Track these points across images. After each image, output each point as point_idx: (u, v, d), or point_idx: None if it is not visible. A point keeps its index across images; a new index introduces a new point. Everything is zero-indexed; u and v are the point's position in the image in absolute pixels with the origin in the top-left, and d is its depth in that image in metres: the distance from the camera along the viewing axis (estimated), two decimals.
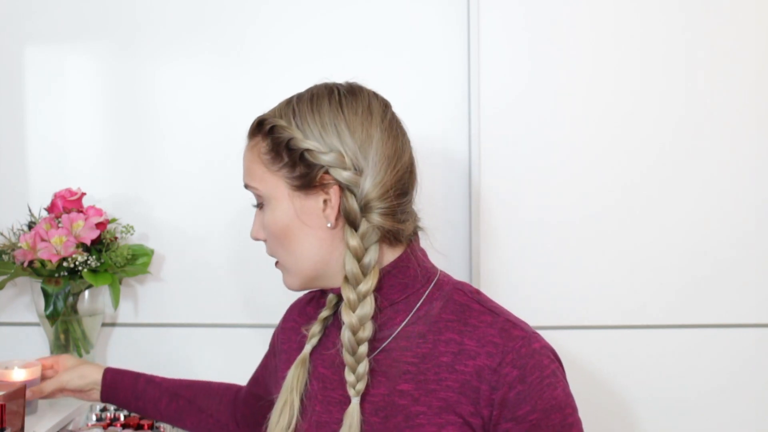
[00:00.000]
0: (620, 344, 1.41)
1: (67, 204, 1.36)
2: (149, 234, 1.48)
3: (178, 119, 1.47)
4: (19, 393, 1.10)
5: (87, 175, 1.48)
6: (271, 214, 0.93)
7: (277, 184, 0.92)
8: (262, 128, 0.94)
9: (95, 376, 1.21)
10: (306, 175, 0.90)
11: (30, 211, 1.41)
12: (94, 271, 1.32)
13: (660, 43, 1.39)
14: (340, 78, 0.96)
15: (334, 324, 0.99)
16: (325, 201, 0.90)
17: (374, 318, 0.89)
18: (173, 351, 1.48)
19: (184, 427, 1.21)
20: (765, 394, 1.40)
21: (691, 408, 1.41)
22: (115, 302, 1.34)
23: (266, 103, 1.48)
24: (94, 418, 1.31)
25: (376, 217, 0.89)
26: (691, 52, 1.38)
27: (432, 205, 1.42)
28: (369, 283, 0.88)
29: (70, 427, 1.28)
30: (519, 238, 1.40)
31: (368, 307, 0.88)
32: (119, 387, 1.21)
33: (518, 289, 1.40)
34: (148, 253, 1.42)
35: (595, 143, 1.40)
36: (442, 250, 1.42)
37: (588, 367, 1.41)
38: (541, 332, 0.93)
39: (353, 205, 0.89)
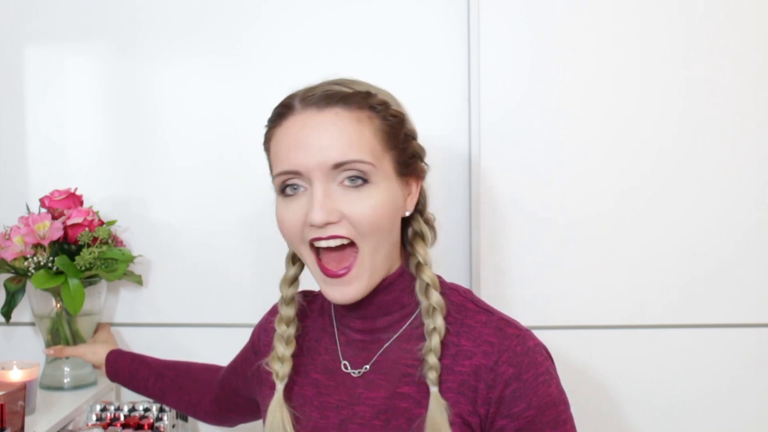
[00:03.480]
0: (620, 344, 1.40)
1: (53, 204, 1.37)
2: (148, 233, 1.48)
3: (178, 119, 1.47)
4: (19, 393, 1.09)
5: (86, 175, 1.48)
6: (380, 194, 0.85)
7: (387, 165, 0.87)
8: (369, 103, 0.86)
9: (103, 355, 1.32)
10: (409, 162, 0.90)
11: (28, 210, 1.41)
12: (59, 273, 1.31)
13: (660, 44, 1.38)
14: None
15: (325, 329, 0.98)
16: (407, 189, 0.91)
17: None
18: (170, 351, 1.47)
19: (167, 404, 1.29)
20: (765, 394, 1.40)
21: (691, 408, 1.41)
22: (71, 307, 1.30)
23: (266, 103, 1.48)
24: (94, 418, 1.31)
25: (427, 211, 0.94)
26: (692, 52, 1.38)
27: (432, 205, 1.42)
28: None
29: (70, 427, 1.27)
30: (519, 239, 1.40)
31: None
32: (119, 367, 1.30)
33: (518, 289, 1.40)
34: (127, 259, 1.38)
35: (595, 144, 1.40)
36: (442, 250, 1.42)
37: (588, 367, 1.41)
38: (540, 332, 0.93)
39: (426, 196, 0.92)
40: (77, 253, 1.34)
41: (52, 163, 1.49)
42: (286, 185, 0.87)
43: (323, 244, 0.85)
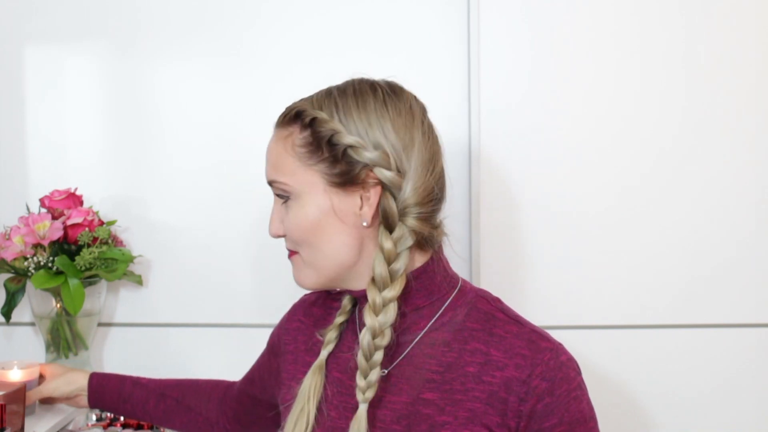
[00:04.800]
0: (620, 344, 1.40)
1: (53, 204, 1.37)
2: (148, 233, 1.48)
3: (178, 119, 1.47)
4: (19, 393, 1.10)
5: (86, 175, 1.48)
6: (302, 209, 0.89)
7: (312, 179, 0.88)
8: (298, 119, 0.89)
9: (82, 382, 1.21)
10: (348, 172, 0.87)
11: (28, 210, 1.41)
12: (59, 273, 1.32)
13: (660, 43, 1.38)
14: (339, 78, 0.96)
15: (348, 327, 0.97)
16: (361, 198, 0.88)
17: (394, 326, 0.87)
18: (171, 351, 1.48)
19: (173, 427, 1.20)
20: (765, 394, 1.40)
21: (691, 408, 1.41)
22: (71, 307, 1.31)
23: (266, 103, 1.48)
24: (94, 418, 1.31)
25: (412, 221, 0.87)
26: (692, 51, 1.38)
27: None
28: (395, 290, 0.86)
29: (70, 427, 1.27)
30: (519, 239, 1.40)
31: (391, 313, 0.86)
32: (105, 391, 1.20)
33: (518, 289, 1.40)
34: (127, 259, 1.38)
35: (594, 144, 1.40)
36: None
37: (588, 368, 1.40)
38: None
39: (393, 207, 0.87)
40: (77, 253, 1.34)
41: (52, 163, 1.49)
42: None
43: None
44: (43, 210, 1.39)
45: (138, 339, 1.49)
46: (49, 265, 1.33)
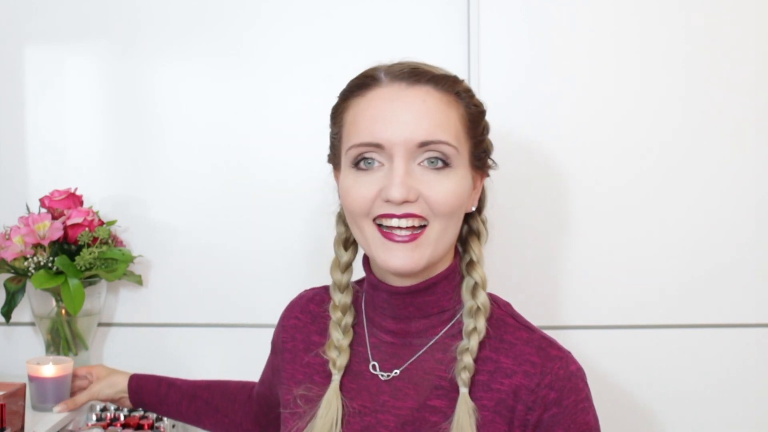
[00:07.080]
0: (620, 344, 1.40)
1: (53, 204, 1.37)
2: (148, 233, 1.47)
3: (177, 119, 1.47)
4: (19, 393, 1.09)
5: (86, 175, 1.48)
6: (457, 180, 0.83)
7: (465, 153, 0.86)
8: (455, 88, 0.85)
9: (123, 384, 1.24)
10: (482, 156, 0.89)
11: (28, 210, 1.41)
12: (59, 273, 1.32)
13: (659, 40, 1.38)
14: (339, 78, 0.96)
15: (353, 327, 0.95)
16: (475, 183, 0.90)
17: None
18: (170, 351, 1.48)
19: (204, 427, 1.22)
20: (765, 394, 1.40)
21: (691, 408, 1.40)
22: (71, 307, 1.31)
23: (266, 103, 1.48)
24: (94, 418, 1.31)
25: (484, 211, 0.93)
26: (691, 50, 1.38)
27: None
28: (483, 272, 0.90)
29: (70, 427, 1.27)
30: (518, 238, 1.40)
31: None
32: (144, 392, 1.23)
33: (518, 288, 1.40)
34: (127, 259, 1.39)
35: (594, 143, 1.40)
36: None
37: (588, 367, 1.40)
38: None
39: (486, 195, 0.92)
40: (77, 253, 1.34)
41: (52, 163, 1.49)
42: (362, 158, 0.84)
43: (395, 222, 0.82)
44: (43, 210, 1.39)
45: (138, 339, 1.49)
46: (49, 265, 1.33)
